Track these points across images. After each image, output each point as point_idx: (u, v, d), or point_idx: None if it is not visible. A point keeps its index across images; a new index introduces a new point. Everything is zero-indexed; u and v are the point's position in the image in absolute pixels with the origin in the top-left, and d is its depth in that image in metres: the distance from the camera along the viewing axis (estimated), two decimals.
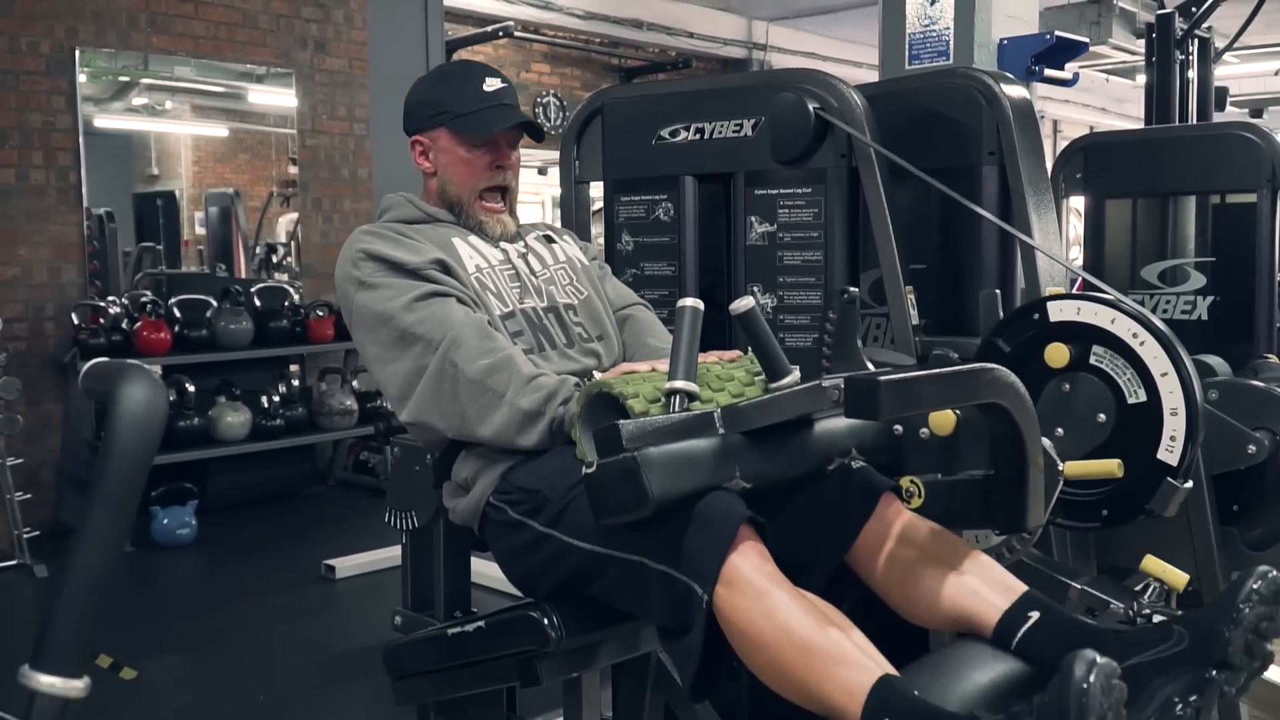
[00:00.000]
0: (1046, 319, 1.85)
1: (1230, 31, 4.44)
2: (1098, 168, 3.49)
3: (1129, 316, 1.79)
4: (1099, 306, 1.80)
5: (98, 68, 5.06)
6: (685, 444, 1.45)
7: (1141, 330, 1.78)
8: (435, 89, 1.98)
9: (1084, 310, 1.82)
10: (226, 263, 6.14)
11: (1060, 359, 1.81)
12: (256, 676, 3.26)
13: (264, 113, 5.95)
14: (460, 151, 1.94)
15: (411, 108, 1.99)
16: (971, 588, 1.50)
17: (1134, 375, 1.78)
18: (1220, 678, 1.36)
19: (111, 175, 6.08)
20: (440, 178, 1.98)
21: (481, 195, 1.96)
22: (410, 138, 2.00)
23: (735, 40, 9.71)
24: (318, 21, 5.60)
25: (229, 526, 4.86)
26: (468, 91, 1.93)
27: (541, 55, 8.83)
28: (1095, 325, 1.80)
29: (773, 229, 2.33)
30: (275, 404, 5.15)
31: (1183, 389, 1.75)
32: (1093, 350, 1.81)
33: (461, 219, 1.96)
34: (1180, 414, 1.75)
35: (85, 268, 4.92)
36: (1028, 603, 1.48)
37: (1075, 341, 1.81)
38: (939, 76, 2.53)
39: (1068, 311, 1.83)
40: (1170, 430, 1.77)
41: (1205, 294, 3.33)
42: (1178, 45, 4.43)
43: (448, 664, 1.78)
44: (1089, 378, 1.81)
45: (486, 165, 1.94)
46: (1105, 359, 1.80)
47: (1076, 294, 1.86)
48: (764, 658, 1.35)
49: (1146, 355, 1.77)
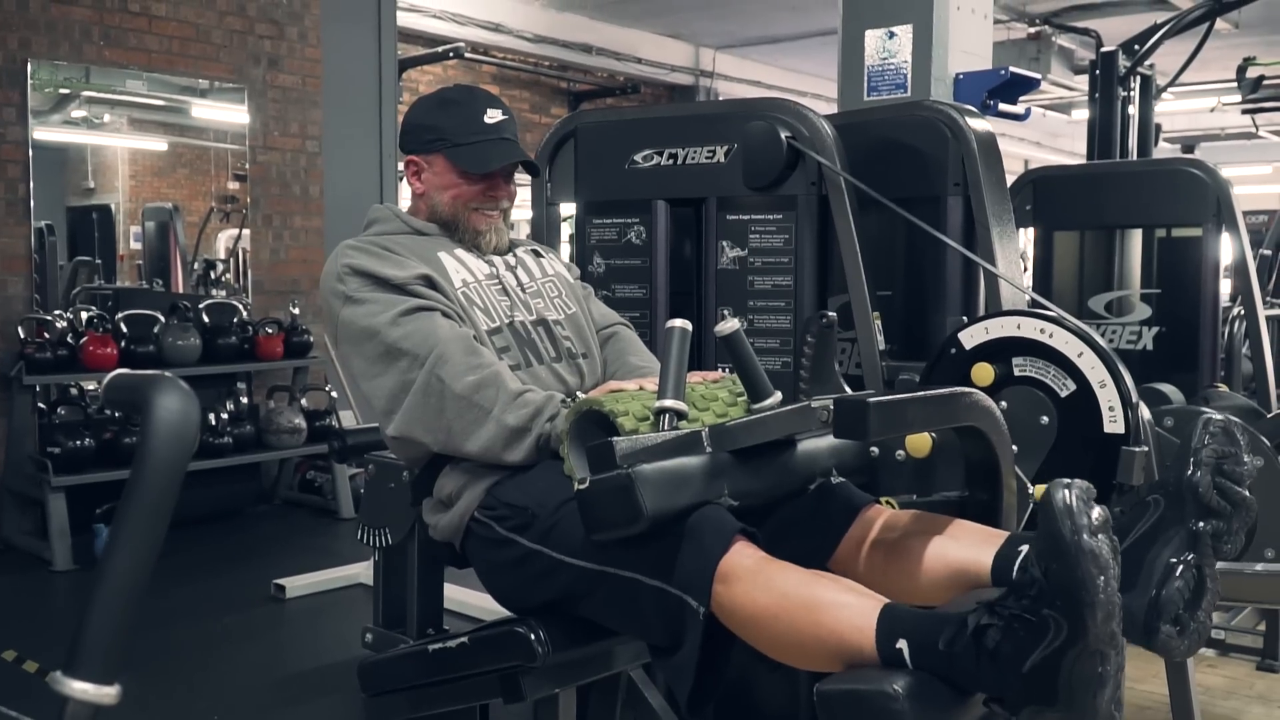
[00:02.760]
0: (962, 348, 1.93)
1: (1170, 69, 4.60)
2: (1046, 200, 3.59)
3: (1032, 318, 1.88)
4: (1003, 319, 1.90)
5: (40, 79, 4.98)
6: (676, 461, 1.48)
7: (1047, 325, 1.87)
8: (435, 114, 1.97)
9: (991, 328, 1.92)
10: (164, 278, 6.05)
11: (986, 377, 1.88)
12: (209, 698, 3.21)
13: (205, 127, 5.89)
14: (454, 178, 1.94)
15: (409, 129, 1.99)
16: (958, 545, 1.52)
17: (1057, 370, 1.86)
18: (1206, 528, 1.41)
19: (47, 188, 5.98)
20: (430, 199, 1.98)
21: (475, 208, 1.96)
22: (405, 155, 2.00)
23: (683, 67, 9.83)
24: (271, 38, 5.57)
25: (174, 545, 4.65)
26: (468, 121, 1.93)
27: (491, 77, 8.87)
28: (1007, 337, 1.90)
29: (744, 254, 2.38)
30: (223, 421, 5.07)
31: (1102, 361, 1.84)
32: (1013, 361, 1.89)
33: (455, 233, 1.96)
34: (1109, 384, 1.83)
35: (32, 281, 4.83)
36: (1016, 539, 1.49)
37: (995, 360, 1.90)
38: (905, 109, 2.60)
39: (977, 334, 1.93)
40: (1107, 403, 1.84)
41: (1151, 324, 3.44)
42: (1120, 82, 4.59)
43: (427, 680, 1.78)
44: (1020, 388, 1.89)
45: (479, 193, 1.95)
46: (1027, 365, 1.88)
47: (980, 316, 1.96)
48: (774, 629, 1.36)
49: (1059, 344, 1.86)
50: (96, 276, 5.92)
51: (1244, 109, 8.42)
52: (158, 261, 6.23)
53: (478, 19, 8.19)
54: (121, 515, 0.89)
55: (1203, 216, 3.29)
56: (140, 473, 0.88)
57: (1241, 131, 11.15)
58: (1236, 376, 4.02)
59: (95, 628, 0.88)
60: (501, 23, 8.35)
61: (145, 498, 0.88)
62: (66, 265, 5.89)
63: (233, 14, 5.43)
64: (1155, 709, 2.86)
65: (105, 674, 0.88)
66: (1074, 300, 3.60)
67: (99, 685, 0.88)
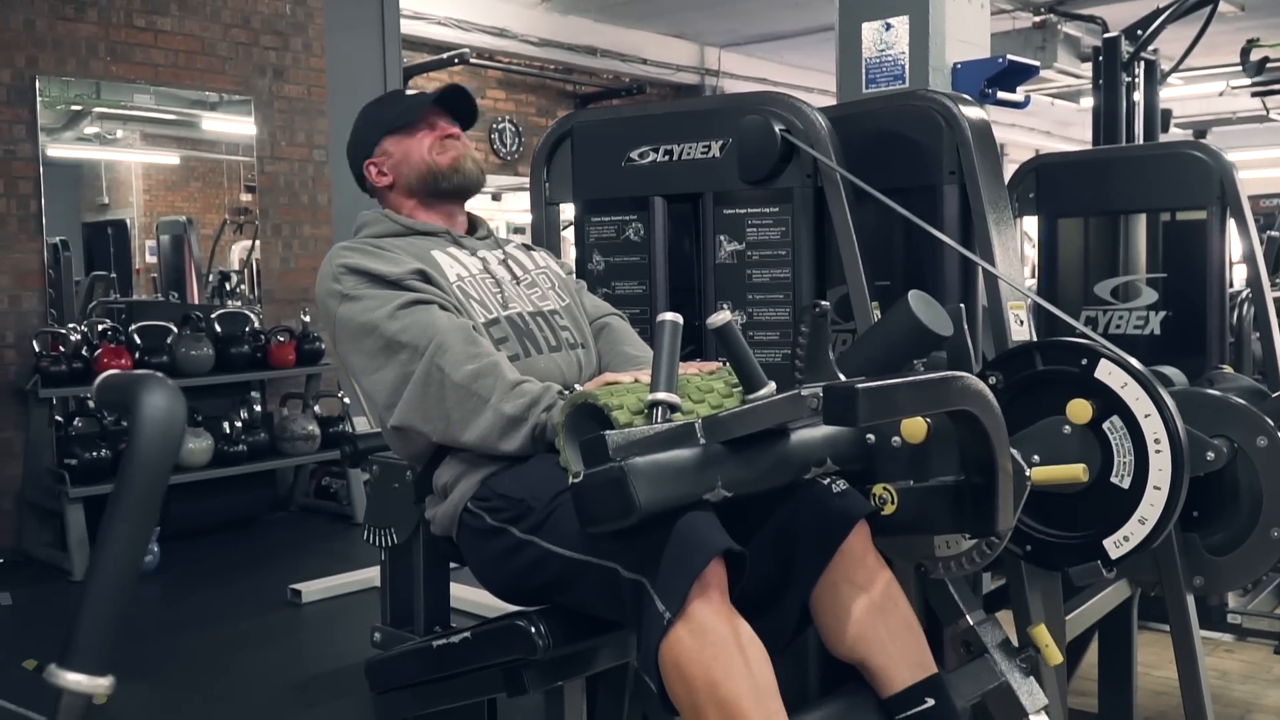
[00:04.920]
0: (1091, 372, 1.83)
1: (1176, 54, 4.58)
2: (1049, 188, 3.59)
3: (1156, 409, 1.79)
4: (1140, 390, 1.80)
5: (51, 97, 5.04)
6: (669, 454, 1.49)
7: (1162, 434, 1.78)
8: (367, 117, 2.11)
9: (1129, 386, 1.81)
10: (180, 291, 6.10)
11: (1083, 414, 1.80)
12: (226, 701, 3.24)
13: (216, 140, 5.94)
14: (403, 145, 2.04)
15: (354, 145, 2.12)
16: (890, 649, 1.59)
17: (1131, 462, 1.80)
18: None
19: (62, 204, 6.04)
20: (400, 181, 2.05)
21: (436, 152, 2.04)
22: (363, 168, 2.10)
23: (689, 66, 9.84)
24: (276, 49, 5.62)
25: (192, 554, 4.82)
26: (395, 102, 2.11)
27: (497, 82, 8.90)
28: (1126, 402, 1.80)
29: (741, 247, 2.39)
30: (237, 430, 5.12)
31: (1164, 510, 1.78)
32: (1110, 419, 1.81)
33: (437, 185, 2.03)
34: (1149, 522, 1.79)
35: (45, 296, 4.88)
36: (929, 688, 1.58)
37: (1099, 401, 1.81)
38: (900, 99, 2.61)
39: (1116, 378, 1.81)
40: (1127, 531, 1.81)
41: (1157, 309, 3.43)
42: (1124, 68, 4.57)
43: (432, 676, 1.80)
44: (1092, 437, 1.82)
45: (430, 140, 2.05)
46: (1116, 431, 1.81)
47: (1124, 362, 1.82)
48: (685, 698, 1.41)
49: (1155, 467, 1.78)
50: (113, 291, 5.98)
51: (1254, 92, 8.38)
52: (173, 274, 6.28)
53: (482, 24, 8.22)
54: (111, 511, 0.91)
55: (1207, 199, 3.28)
56: (128, 469, 0.90)
57: (1254, 115, 11.08)
58: (1246, 359, 4.01)
59: (88, 622, 0.90)
60: (506, 27, 8.38)
61: (133, 494, 0.90)
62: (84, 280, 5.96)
63: (237, 26, 5.48)
64: (1170, 694, 2.86)
65: (98, 666, 0.90)
66: (1080, 287, 3.60)
67: (93, 677, 0.89)
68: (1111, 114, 4.59)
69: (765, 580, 1.65)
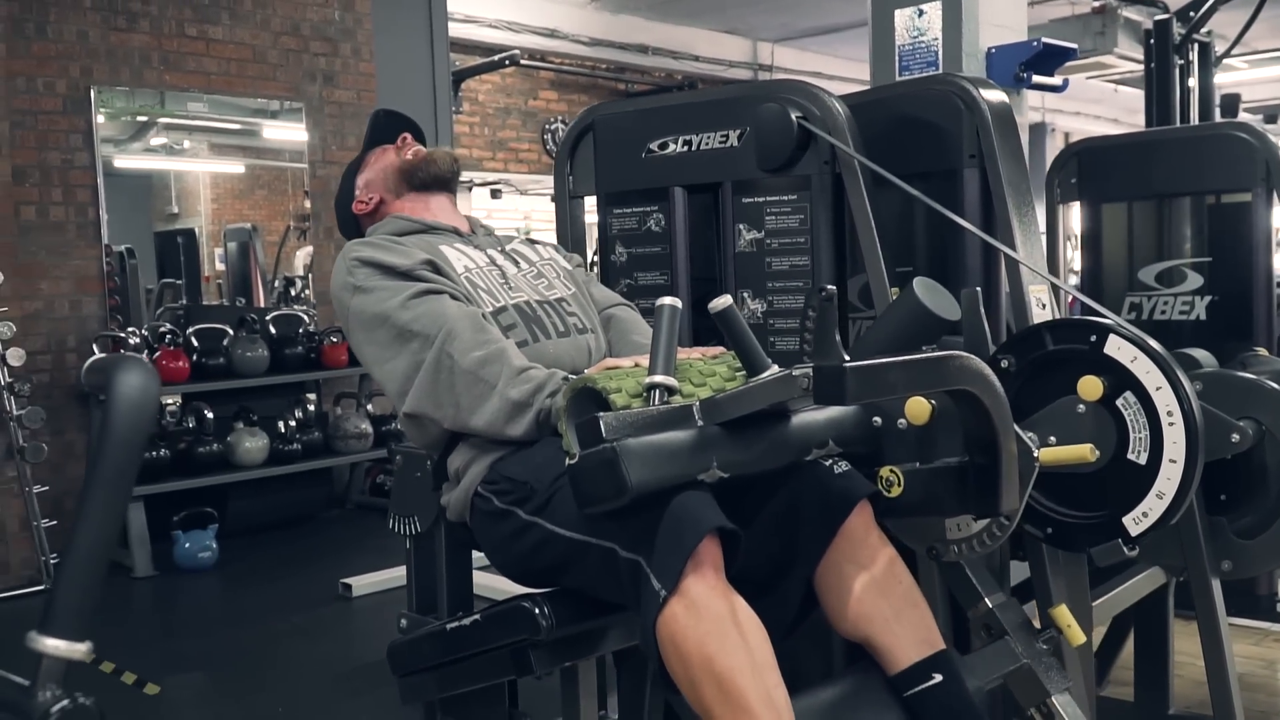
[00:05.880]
0: (1100, 348, 1.81)
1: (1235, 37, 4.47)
2: (1092, 172, 3.54)
3: (1167, 381, 1.77)
4: (1150, 364, 1.77)
5: (115, 108, 5.19)
6: (663, 435, 1.51)
7: (1174, 406, 1.76)
8: (343, 179, 2.29)
9: (1138, 360, 1.78)
10: (246, 297, 6.25)
11: (1095, 390, 1.79)
12: (274, 691, 3.33)
13: (279, 148, 6.06)
14: (374, 166, 2.21)
15: (340, 204, 2.30)
16: (895, 627, 1.59)
17: (1146, 437, 1.78)
18: None
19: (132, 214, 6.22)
20: (386, 192, 2.18)
21: (404, 159, 2.18)
22: (352, 213, 2.25)
23: (741, 62, 9.83)
24: (326, 55, 5.73)
25: (249, 549, 4.94)
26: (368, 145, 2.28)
27: (549, 82, 8.98)
28: (1138, 376, 1.77)
29: (760, 236, 2.40)
30: (292, 429, 5.23)
31: (1180, 483, 1.76)
32: (1123, 395, 1.79)
33: (412, 178, 2.15)
34: (1166, 498, 1.76)
35: (105, 301, 5.03)
36: (936, 663, 1.57)
37: (1111, 377, 1.80)
38: (920, 84, 2.60)
39: (1126, 353, 1.79)
40: (1145, 507, 1.78)
41: (1202, 294, 3.36)
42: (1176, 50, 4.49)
43: (447, 659, 1.84)
44: (1106, 414, 1.80)
45: (396, 150, 2.19)
46: (1129, 407, 1.79)
47: (1134, 336, 1.80)
48: (682, 674, 1.42)
49: (1169, 440, 1.76)
50: (181, 297, 6.17)
51: None
52: (240, 281, 6.44)
53: (533, 26, 8.30)
54: (87, 485, 0.95)
55: (1251, 181, 3.22)
56: (103, 444, 0.95)
57: None
58: None
59: (66, 590, 0.94)
60: (557, 28, 8.45)
61: (108, 467, 0.95)
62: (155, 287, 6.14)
63: (287, 34, 5.59)
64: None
65: (77, 632, 0.94)
66: (1124, 273, 3.55)
67: (71, 642, 0.94)
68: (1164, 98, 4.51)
69: (769, 561, 1.66)
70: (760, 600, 1.68)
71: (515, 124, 8.94)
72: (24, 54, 4.74)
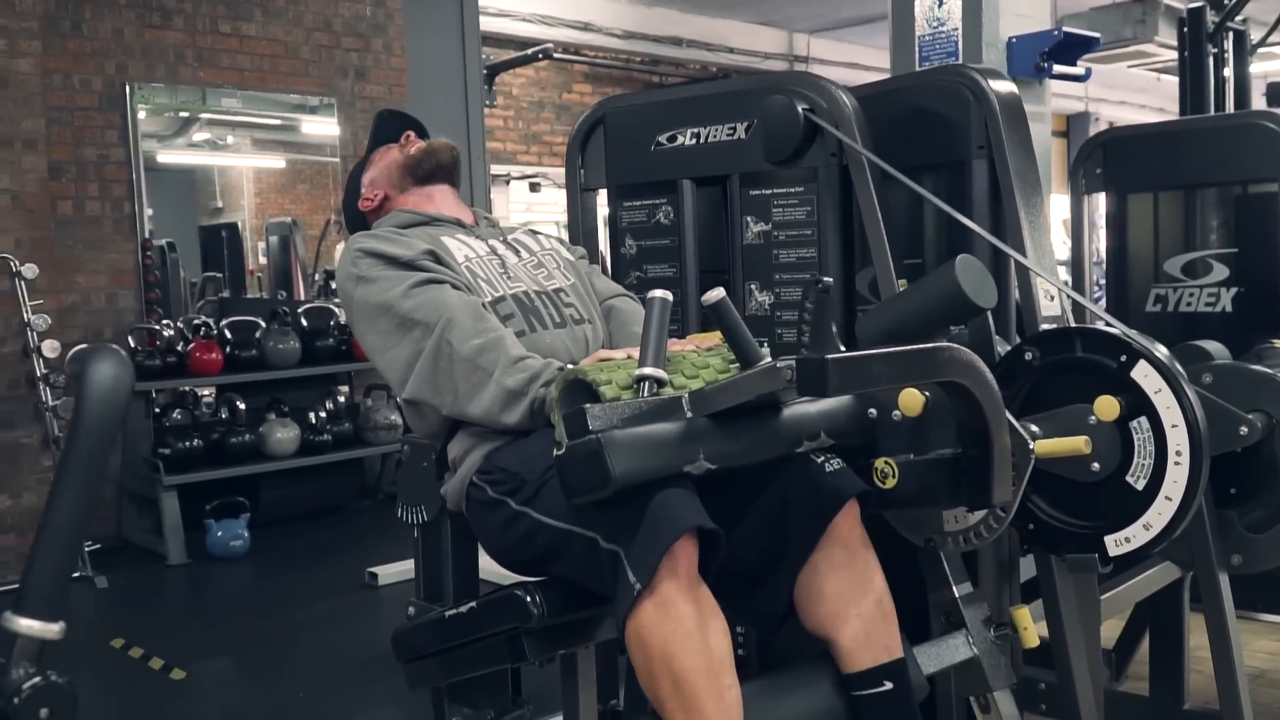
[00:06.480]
0: (1128, 370, 1.79)
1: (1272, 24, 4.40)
2: (1117, 162, 3.50)
3: (1184, 422, 1.75)
4: (1173, 399, 1.75)
5: (157, 104, 5.27)
6: (649, 427, 1.52)
7: (1185, 448, 1.74)
8: (357, 172, 2.31)
9: (1162, 393, 1.76)
10: (287, 290, 6.33)
11: (1111, 413, 1.77)
12: (296, 676, 3.38)
13: (319, 143, 6.13)
14: (378, 164, 2.24)
15: (346, 202, 2.31)
16: (858, 629, 1.61)
17: (1150, 466, 1.77)
18: None
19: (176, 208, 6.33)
20: (392, 187, 2.21)
21: (407, 153, 2.21)
22: (359, 211, 2.27)
23: (776, 54, 9.80)
24: (358, 50, 5.78)
25: (280, 538, 5.01)
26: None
27: (583, 76, 8.99)
28: (1157, 408, 1.76)
29: (768, 228, 2.40)
30: (323, 420, 5.30)
31: (1170, 521, 1.76)
32: (1138, 419, 1.78)
33: (415, 170, 2.18)
34: (1153, 529, 1.77)
35: (141, 293, 5.12)
36: (889, 671, 1.60)
37: (1130, 398, 1.79)
38: (929, 75, 2.59)
39: (1151, 382, 1.77)
40: (1129, 533, 1.79)
41: (1229, 285, 3.31)
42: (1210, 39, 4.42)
43: (446, 645, 1.86)
44: (1116, 431, 1.79)
45: (400, 148, 2.23)
46: (1141, 432, 1.78)
47: (1165, 368, 1.77)
48: (643, 667, 1.46)
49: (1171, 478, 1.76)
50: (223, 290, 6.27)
51: None
52: (281, 274, 6.53)
53: (567, 19, 8.32)
54: (60, 470, 0.98)
55: (1278, 171, 3.17)
56: (75, 431, 0.98)
57: None
58: None
59: (39, 573, 0.97)
60: (591, 21, 8.47)
61: (80, 452, 0.98)
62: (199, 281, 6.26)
63: (319, 30, 5.66)
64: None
65: (50, 612, 0.97)
66: (1150, 264, 3.50)
67: (45, 622, 0.97)
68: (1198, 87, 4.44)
69: (760, 555, 1.67)
70: (751, 594, 1.69)
71: (549, 117, 8.97)
72: (60, 51, 4.84)
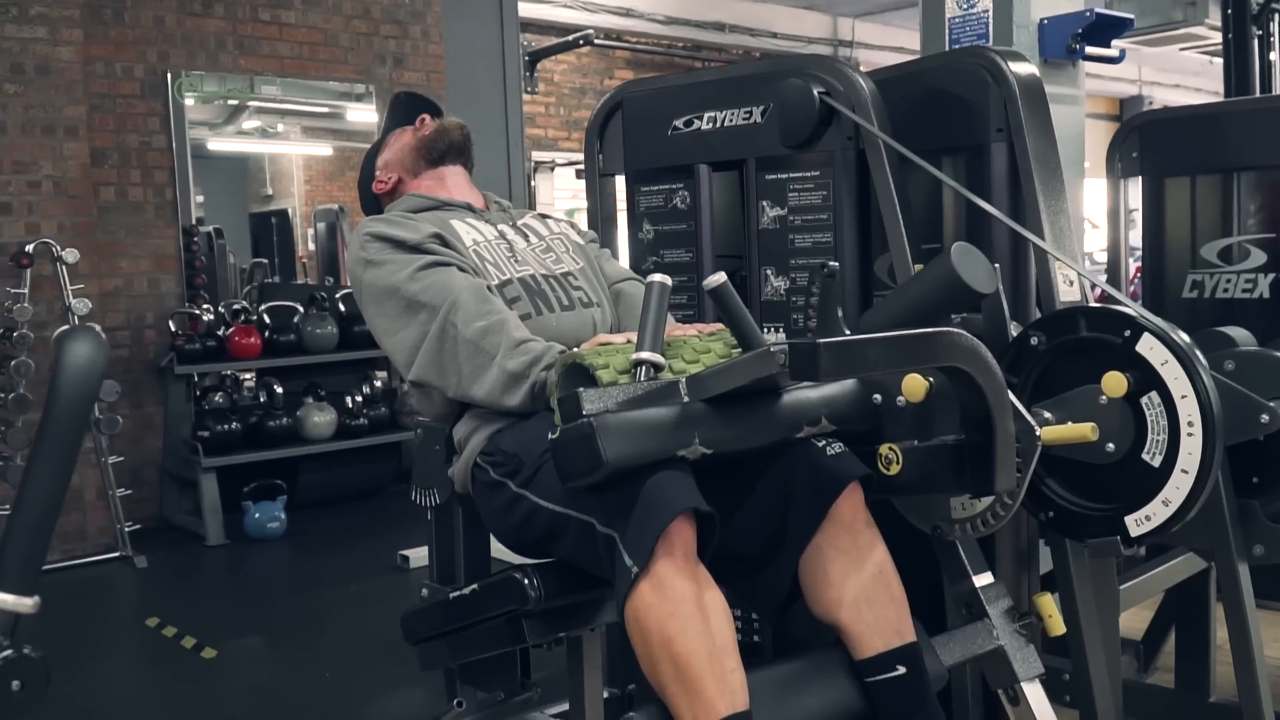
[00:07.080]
0: (1133, 345, 1.78)
1: None
2: (1154, 146, 3.43)
3: (1194, 391, 1.74)
4: (1180, 370, 1.74)
5: (205, 92, 5.34)
6: (644, 411, 1.52)
7: (1196, 417, 1.73)
8: (371, 154, 2.31)
9: (1169, 364, 1.75)
10: (334, 276, 6.40)
11: (1118, 388, 1.75)
12: (324, 656, 3.43)
13: (366, 130, 6.18)
14: (392, 146, 2.26)
15: (362, 184, 2.32)
16: (867, 614, 1.58)
17: (1164, 441, 1.75)
18: None
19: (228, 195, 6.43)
20: (405, 169, 2.22)
21: (420, 135, 2.23)
22: (373, 192, 2.28)
23: (821, 38, 9.71)
24: (396, 38, 5.82)
25: (316, 520, 5.08)
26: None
27: (624, 62, 8.98)
28: (1165, 380, 1.74)
29: (783, 213, 2.38)
30: (359, 404, 5.36)
31: (1189, 495, 1.74)
32: (1149, 394, 1.77)
33: (429, 151, 2.19)
34: (1172, 504, 1.75)
35: (182, 279, 5.20)
36: (901, 655, 1.57)
37: (1139, 374, 1.77)
38: (948, 57, 2.55)
39: (1158, 354, 1.76)
40: (1150, 510, 1.77)
41: (1266, 271, 3.24)
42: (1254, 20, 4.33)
43: (450, 627, 1.88)
44: (1128, 410, 1.78)
45: (414, 131, 2.24)
46: (1153, 407, 1.76)
47: (1169, 339, 1.76)
48: (643, 650, 1.45)
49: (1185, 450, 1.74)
50: (270, 276, 6.36)
51: None
52: (328, 260, 6.61)
53: (608, 5, 8.31)
54: (36, 446, 1.00)
55: None
56: (51, 408, 1.00)
57: None
58: None
59: (15, 547, 0.99)
60: (632, 7, 8.45)
61: (55, 430, 0.99)
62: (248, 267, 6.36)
63: (358, 17, 5.69)
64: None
65: (24, 586, 0.99)
66: (1186, 250, 3.44)
67: (19, 596, 0.99)
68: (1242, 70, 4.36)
69: (762, 540, 1.66)
70: (753, 578, 1.69)
71: (591, 104, 8.96)
72: (102, 39, 4.91)
